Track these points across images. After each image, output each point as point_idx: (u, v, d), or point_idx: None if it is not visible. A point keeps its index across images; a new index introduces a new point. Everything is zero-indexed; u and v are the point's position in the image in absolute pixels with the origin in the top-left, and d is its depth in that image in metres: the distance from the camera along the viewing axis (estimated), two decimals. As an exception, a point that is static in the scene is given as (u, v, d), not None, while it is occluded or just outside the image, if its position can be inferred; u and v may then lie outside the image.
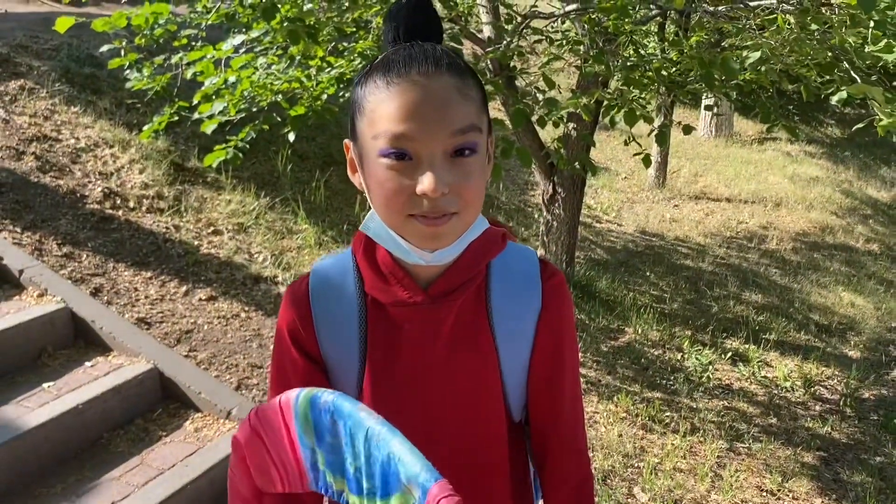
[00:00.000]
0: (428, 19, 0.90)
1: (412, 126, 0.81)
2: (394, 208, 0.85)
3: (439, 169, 0.82)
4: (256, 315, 3.71)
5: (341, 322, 0.99)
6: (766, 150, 9.99)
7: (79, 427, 2.60)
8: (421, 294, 0.95)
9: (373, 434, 0.82)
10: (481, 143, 0.86)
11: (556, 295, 1.01)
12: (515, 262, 1.02)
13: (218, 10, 3.80)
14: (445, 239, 0.88)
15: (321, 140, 6.02)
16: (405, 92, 0.82)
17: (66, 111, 4.74)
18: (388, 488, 0.82)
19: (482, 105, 0.88)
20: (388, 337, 0.97)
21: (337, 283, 1.00)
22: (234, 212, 4.57)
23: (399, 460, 0.80)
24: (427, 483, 0.78)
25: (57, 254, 3.54)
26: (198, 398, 2.86)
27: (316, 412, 0.86)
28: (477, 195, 0.87)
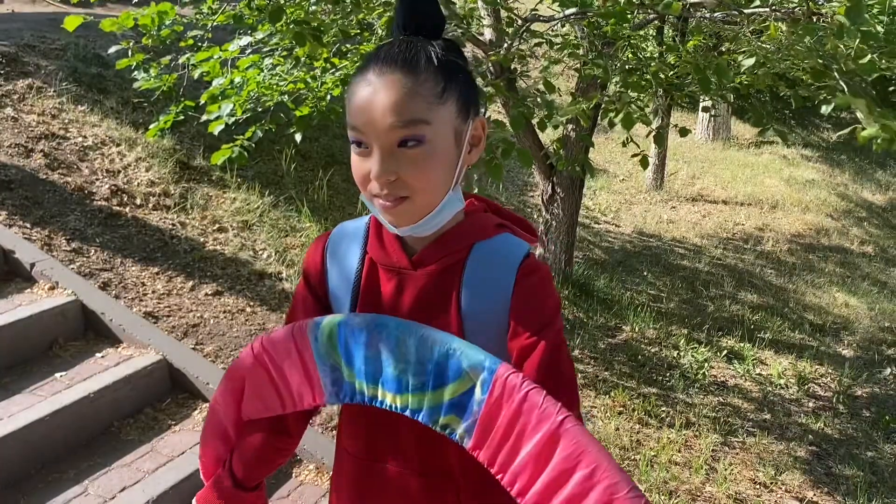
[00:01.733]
0: (421, 14, 0.99)
1: (361, 119, 0.94)
2: (361, 188, 0.99)
3: (385, 158, 0.93)
4: (261, 310, 3.78)
5: (344, 271, 1.13)
6: (762, 153, 10.08)
7: (90, 415, 2.68)
8: (405, 260, 1.06)
9: (428, 336, 0.96)
10: (430, 136, 0.94)
11: (527, 282, 1.04)
12: (500, 250, 1.07)
13: (224, 12, 3.88)
14: (401, 220, 0.99)
15: (324, 140, 6.10)
16: (361, 89, 0.95)
17: (74, 110, 4.81)
18: (442, 379, 0.95)
19: (439, 98, 0.95)
20: (375, 291, 1.09)
21: (349, 239, 1.14)
22: (238, 210, 4.64)
23: (462, 353, 0.93)
24: (494, 365, 0.92)
25: (66, 249, 3.61)
26: (206, 388, 2.93)
27: (346, 333, 1.01)
28: (427, 182, 0.96)
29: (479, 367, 0.92)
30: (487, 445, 0.93)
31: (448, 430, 0.96)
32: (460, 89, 0.98)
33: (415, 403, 0.98)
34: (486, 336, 1.04)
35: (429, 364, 0.96)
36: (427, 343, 0.96)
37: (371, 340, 0.99)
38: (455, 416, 0.95)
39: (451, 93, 0.97)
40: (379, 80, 0.93)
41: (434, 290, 1.06)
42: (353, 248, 1.13)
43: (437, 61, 0.96)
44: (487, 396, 0.92)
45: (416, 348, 0.96)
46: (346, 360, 1.02)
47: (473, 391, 0.93)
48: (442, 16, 1.02)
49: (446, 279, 1.06)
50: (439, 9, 1.02)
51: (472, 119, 1.01)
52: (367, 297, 1.10)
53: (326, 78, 3.88)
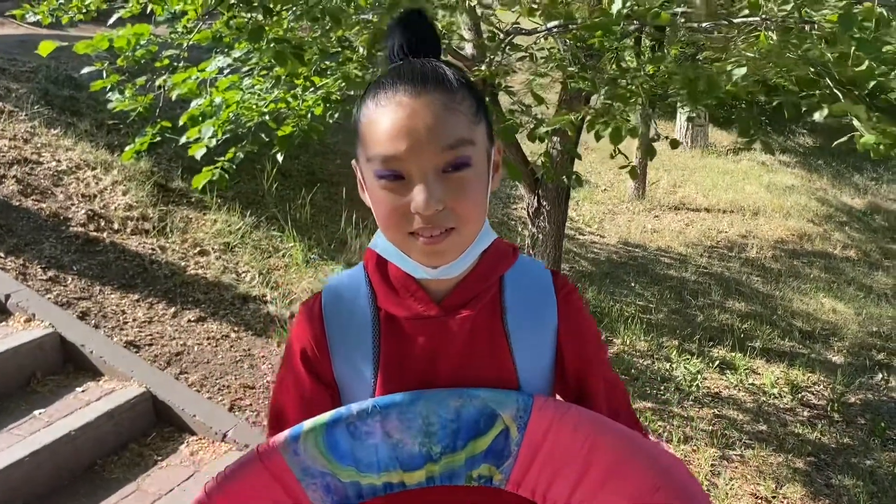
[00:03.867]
0: (422, 35, 0.91)
1: (400, 147, 0.82)
2: (393, 226, 0.87)
3: (431, 186, 0.83)
4: (246, 335, 3.68)
5: (354, 337, 0.98)
6: (741, 160, 10.13)
7: (72, 454, 2.57)
8: (434, 307, 0.95)
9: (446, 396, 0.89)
10: (475, 156, 0.86)
11: (570, 303, 1.02)
12: (528, 275, 1.03)
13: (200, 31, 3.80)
14: (447, 255, 0.89)
15: (304, 158, 6.02)
16: (392, 113, 0.83)
17: (47, 133, 4.70)
18: (473, 433, 0.89)
19: (476, 117, 0.87)
20: (400, 351, 0.97)
21: (349, 298, 1.00)
22: (219, 231, 4.54)
23: (490, 399, 0.89)
24: (527, 401, 0.89)
25: (42, 278, 3.50)
26: (192, 421, 2.83)
27: (339, 432, 0.89)
28: (474, 209, 0.87)
29: (511, 406, 0.89)
30: (531, 478, 0.91)
31: (482, 479, 0.91)
32: (486, 110, 0.92)
33: (443, 469, 0.90)
34: (540, 369, 0.99)
35: (454, 424, 0.89)
36: (448, 403, 0.89)
37: (379, 427, 0.89)
38: (490, 465, 0.91)
39: (482, 113, 0.90)
40: (415, 100, 0.83)
41: (477, 335, 0.97)
42: (358, 306, 0.99)
43: (464, 80, 0.89)
44: (525, 433, 0.89)
45: (437, 415, 0.89)
46: (344, 462, 0.90)
47: (508, 433, 0.89)
48: (439, 37, 0.95)
49: (487, 320, 0.98)
50: (437, 30, 0.95)
51: (494, 143, 0.94)
52: (393, 361, 0.97)
53: (307, 96, 3.80)
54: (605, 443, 0.89)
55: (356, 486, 0.91)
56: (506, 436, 0.89)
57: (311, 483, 0.90)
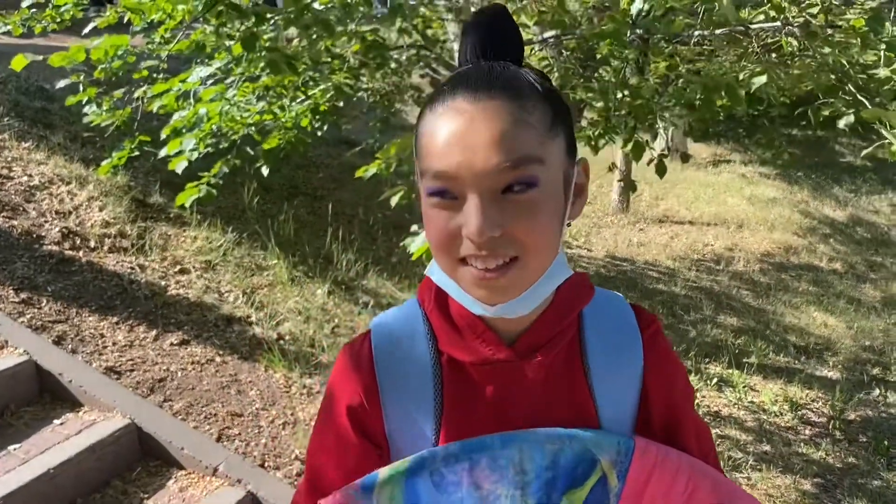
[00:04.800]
0: (500, 35, 0.78)
1: (454, 161, 0.70)
2: (442, 251, 0.75)
3: (488, 208, 0.70)
4: (232, 359, 3.50)
5: (412, 387, 0.84)
6: (721, 172, 10.14)
7: (51, 493, 2.37)
8: (505, 350, 0.82)
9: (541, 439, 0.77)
10: (544, 176, 0.72)
11: (656, 344, 0.91)
12: (609, 310, 0.91)
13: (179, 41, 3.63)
14: (507, 292, 0.75)
15: (286, 171, 5.85)
16: (449, 122, 0.71)
17: (17, 147, 4.48)
18: (570, 482, 0.78)
19: (550, 131, 0.73)
20: (467, 401, 0.84)
21: (405, 341, 0.86)
22: (200, 248, 4.36)
23: (590, 442, 0.78)
24: (627, 445, 0.79)
25: (14, 300, 3.29)
26: (180, 454, 2.64)
27: (423, 482, 0.76)
28: (541, 237, 0.74)
29: (611, 450, 0.78)
30: None
31: None
32: (567, 123, 0.77)
33: None
34: (623, 415, 0.87)
35: (550, 472, 0.76)
36: (545, 447, 0.76)
37: (466, 476, 0.76)
38: None
39: (560, 126, 0.75)
40: (475, 106, 0.70)
41: (552, 383, 0.84)
42: (415, 350, 0.86)
43: (542, 86, 0.74)
44: (626, 481, 0.79)
45: (533, 460, 0.75)
46: None
47: (606, 482, 0.78)
48: (522, 42, 0.81)
49: (565, 362, 0.85)
50: (519, 29, 0.81)
51: (578, 162, 0.80)
52: (458, 412, 0.83)
53: (295, 107, 3.65)
54: (704, 489, 0.82)
55: None
56: (604, 485, 0.79)
57: None
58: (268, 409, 3.20)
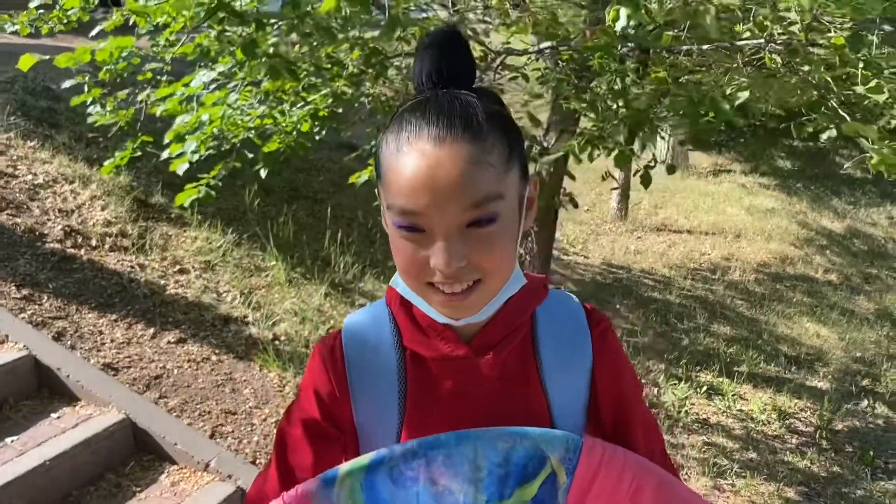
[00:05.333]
0: (455, 61, 0.82)
1: (420, 202, 0.75)
2: (411, 276, 0.82)
3: (454, 243, 0.77)
4: (228, 358, 3.57)
5: (379, 379, 0.92)
6: (721, 181, 10.19)
7: (46, 485, 2.44)
8: (463, 348, 0.90)
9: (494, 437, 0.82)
10: (503, 210, 0.78)
11: (605, 342, 0.97)
12: (561, 312, 0.97)
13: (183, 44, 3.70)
14: (471, 310, 0.83)
15: (287, 174, 5.92)
16: (413, 163, 0.76)
17: (23, 146, 4.56)
18: (521, 478, 0.82)
19: (506, 165, 0.79)
20: (428, 392, 0.91)
21: (372, 338, 0.94)
22: (200, 249, 4.43)
23: (539, 440, 0.82)
24: (575, 443, 0.83)
25: (16, 296, 3.36)
26: (173, 449, 2.71)
27: (380, 478, 0.81)
28: (501, 262, 0.81)
29: (560, 447, 0.83)
30: None
31: None
32: (520, 148, 0.83)
33: None
34: (574, 409, 0.94)
35: (502, 469, 0.82)
36: (498, 445, 0.81)
37: (423, 472, 0.81)
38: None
39: (516, 155, 0.81)
40: (438, 150, 0.75)
41: (508, 378, 0.91)
42: (382, 346, 0.93)
43: (496, 117, 0.80)
44: (574, 477, 0.84)
45: (486, 458, 0.81)
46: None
47: (555, 479, 0.83)
48: (475, 63, 0.86)
49: (518, 360, 0.92)
50: (471, 52, 0.87)
51: (529, 181, 0.87)
52: (420, 403, 0.91)
53: (295, 112, 3.72)
54: (649, 486, 0.86)
55: None
56: (553, 481, 0.84)
57: None
58: (261, 407, 3.27)
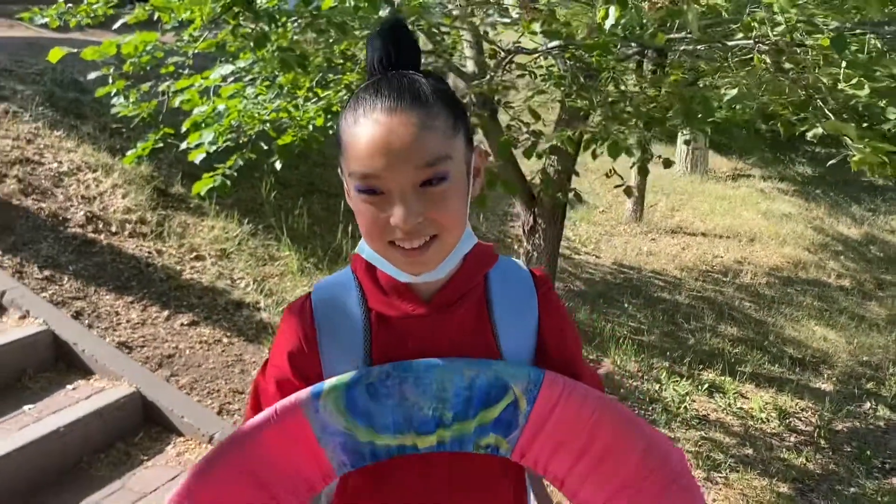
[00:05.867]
0: (402, 47, 0.93)
1: (378, 165, 0.85)
2: (374, 237, 0.91)
3: (410, 201, 0.86)
4: (238, 341, 3.71)
5: (346, 337, 1.01)
6: (739, 186, 10.18)
7: (59, 450, 2.58)
8: (423, 307, 0.99)
9: (461, 366, 0.94)
10: (452, 170, 0.89)
11: (550, 299, 1.08)
12: (510, 272, 1.08)
13: (206, 39, 3.85)
14: (428, 264, 0.93)
15: (304, 168, 6.07)
16: (369, 132, 0.86)
17: (50, 135, 4.74)
18: (485, 402, 0.94)
19: (453, 130, 0.90)
20: (391, 350, 1.00)
21: (340, 299, 1.03)
22: (216, 238, 4.58)
23: (503, 371, 0.94)
24: (538, 375, 0.95)
25: (38, 277, 3.53)
26: (180, 422, 2.85)
27: (359, 392, 0.93)
28: (454, 218, 0.91)
29: (523, 379, 0.94)
30: (536, 449, 0.97)
31: (489, 448, 0.97)
32: (464, 119, 0.95)
33: (454, 435, 0.95)
34: (524, 359, 1.04)
35: (467, 392, 0.94)
36: (464, 372, 0.93)
37: (396, 389, 0.93)
38: (498, 435, 0.96)
39: (461, 124, 0.93)
40: (391, 118, 0.86)
41: (464, 333, 1.01)
42: (348, 308, 1.02)
43: (441, 92, 0.91)
44: (534, 405, 0.95)
45: (452, 382, 0.93)
46: (362, 421, 0.94)
47: (517, 405, 0.95)
48: (419, 48, 0.98)
49: (473, 317, 1.02)
50: (417, 41, 0.99)
51: (474, 149, 0.98)
52: (384, 359, 1.00)
53: (309, 106, 3.85)
54: (608, 420, 0.95)
55: (371, 445, 0.95)
56: (515, 407, 0.95)
57: (328, 441, 0.94)
58: (267, 388, 3.39)
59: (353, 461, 0.96)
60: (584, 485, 0.97)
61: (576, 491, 0.98)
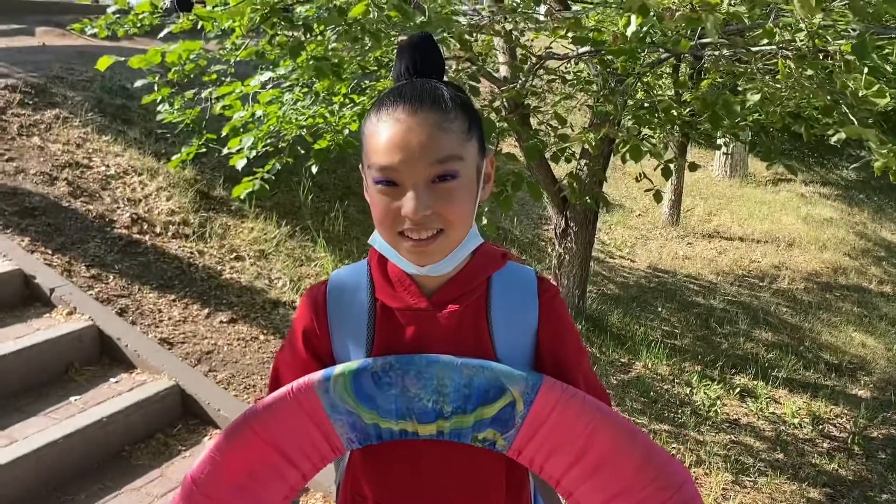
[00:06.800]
0: (427, 57, 1.03)
1: (395, 158, 0.93)
2: (385, 226, 0.98)
3: (421, 194, 0.94)
4: (274, 338, 3.83)
5: (352, 323, 1.10)
6: (780, 190, 10.07)
7: (102, 439, 2.72)
8: (425, 301, 1.06)
9: (462, 364, 1.00)
10: (462, 170, 0.97)
11: (552, 307, 1.12)
12: (515, 279, 1.13)
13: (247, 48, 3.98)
14: (434, 256, 1.00)
15: (341, 172, 6.20)
16: (390, 128, 0.94)
17: (98, 140, 4.94)
18: (482, 400, 1.00)
19: (467, 134, 0.98)
20: (393, 339, 1.08)
21: (351, 288, 1.11)
22: (255, 239, 4.72)
23: (501, 373, 1.00)
24: (536, 380, 1.00)
25: (85, 275, 3.69)
26: (217, 415, 2.97)
27: (364, 379, 1.01)
28: (461, 215, 0.98)
29: (521, 383, 1.00)
30: (531, 449, 1.02)
31: (486, 442, 1.03)
32: (479, 127, 1.02)
33: (452, 426, 1.02)
34: (517, 363, 1.07)
35: (466, 389, 1.00)
36: (462, 371, 1.00)
37: (398, 380, 1.01)
38: (495, 430, 1.02)
39: (475, 130, 1.00)
40: (411, 118, 0.94)
41: (461, 329, 1.07)
42: (358, 296, 1.10)
43: (459, 100, 1.00)
44: (531, 408, 1.00)
45: (451, 378, 1.00)
46: (367, 405, 1.02)
47: (514, 406, 1.00)
48: (443, 60, 1.06)
49: (472, 316, 1.08)
50: (441, 54, 1.07)
51: (486, 156, 1.05)
52: (385, 346, 1.07)
53: (345, 112, 3.96)
54: (606, 430, 0.99)
55: (376, 427, 1.03)
56: (512, 407, 1.00)
57: (338, 419, 1.03)
58: (301, 384, 3.50)
59: (359, 439, 1.04)
60: (580, 488, 1.02)
61: (570, 492, 1.04)
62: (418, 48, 1.03)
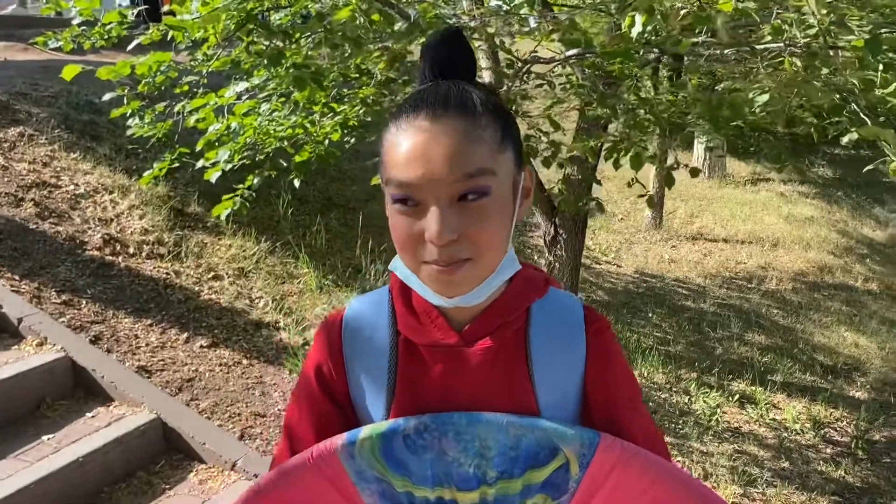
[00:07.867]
0: (454, 56, 0.87)
1: (416, 173, 0.78)
2: (407, 253, 0.83)
3: (446, 215, 0.78)
4: (258, 362, 3.65)
5: (372, 361, 0.95)
6: (759, 190, 10.06)
7: (79, 481, 2.52)
8: (454, 336, 0.90)
9: (508, 423, 0.85)
10: (495, 185, 0.81)
11: (601, 342, 0.96)
12: (558, 309, 0.97)
13: (219, 58, 3.81)
14: (462, 286, 0.84)
15: (321, 184, 6.02)
16: (410, 138, 0.79)
17: (66, 157, 4.72)
18: (532, 463, 0.86)
19: (500, 144, 0.82)
20: (417, 379, 0.92)
21: (370, 320, 0.96)
22: (234, 257, 4.53)
23: (553, 432, 0.85)
24: (593, 438, 0.85)
25: (56, 301, 3.49)
26: (202, 449, 2.78)
27: (395, 443, 0.86)
28: (493, 239, 0.83)
29: (575, 442, 0.86)
30: None
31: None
32: (514, 135, 0.86)
33: (497, 493, 0.87)
34: (565, 411, 0.93)
35: (513, 451, 0.85)
36: (509, 430, 0.85)
37: (435, 443, 0.86)
38: (546, 496, 0.88)
39: (509, 139, 0.84)
40: (434, 125, 0.79)
41: (496, 368, 0.91)
42: (378, 330, 0.96)
43: (491, 104, 0.83)
44: (587, 471, 0.86)
45: (496, 440, 0.85)
46: (399, 471, 0.87)
47: (568, 468, 0.86)
48: (475, 59, 0.90)
49: (509, 352, 0.92)
50: (472, 50, 0.91)
51: (523, 168, 0.90)
52: (409, 388, 0.93)
53: (325, 122, 3.80)
54: (667, 487, 0.87)
55: (409, 496, 0.88)
56: (566, 470, 0.87)
57: (365, 487, 0.88)
58: (289, 410, 3.33)
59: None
60: None
61: None
62: (444, 45, 0.87)
